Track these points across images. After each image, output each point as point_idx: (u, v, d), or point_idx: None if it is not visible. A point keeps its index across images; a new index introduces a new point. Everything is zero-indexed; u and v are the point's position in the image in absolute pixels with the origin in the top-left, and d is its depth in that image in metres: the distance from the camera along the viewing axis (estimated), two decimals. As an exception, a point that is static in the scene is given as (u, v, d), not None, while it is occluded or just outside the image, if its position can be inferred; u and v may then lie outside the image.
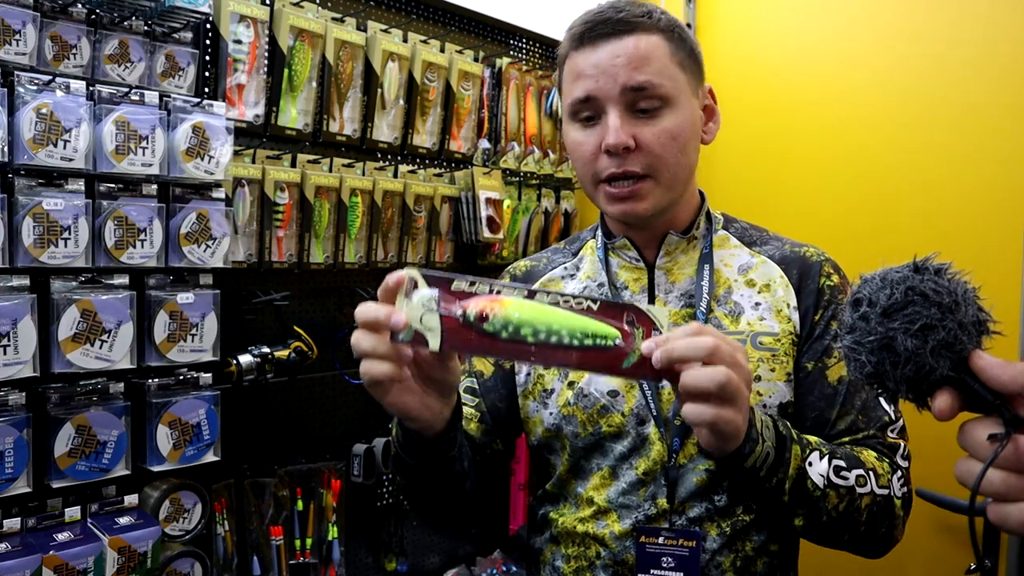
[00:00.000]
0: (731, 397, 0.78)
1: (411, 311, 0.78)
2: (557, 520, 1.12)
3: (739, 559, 1.03)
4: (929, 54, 1.91)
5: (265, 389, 1.73)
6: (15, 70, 1.26)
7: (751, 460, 0.86)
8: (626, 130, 0.99)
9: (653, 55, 1.01)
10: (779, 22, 2.19)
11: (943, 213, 1.88)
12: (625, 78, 0.99)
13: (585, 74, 1.02)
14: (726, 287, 1.09)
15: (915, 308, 0.57)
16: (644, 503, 1.04)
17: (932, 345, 0.57)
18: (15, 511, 1.29)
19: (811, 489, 0.91)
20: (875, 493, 0.95)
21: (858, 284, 0.62)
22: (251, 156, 1.68)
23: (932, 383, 0.58)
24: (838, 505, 0.92)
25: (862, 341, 0.59)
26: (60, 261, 1.29)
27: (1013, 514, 0.55)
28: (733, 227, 1.17)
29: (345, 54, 1.83)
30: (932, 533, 1.90)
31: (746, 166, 2.23)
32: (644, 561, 1.02)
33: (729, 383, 0.77)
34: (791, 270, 1.09)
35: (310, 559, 1.77)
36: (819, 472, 0.91)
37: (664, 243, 1.10)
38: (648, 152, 1.01)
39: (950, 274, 0.59)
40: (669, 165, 1.02)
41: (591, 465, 1.09)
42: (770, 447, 0.87)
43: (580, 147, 1.05)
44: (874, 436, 1.02)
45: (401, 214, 1.95)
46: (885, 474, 0.97)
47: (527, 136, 2.32)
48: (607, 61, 1.00)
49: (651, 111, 1.01)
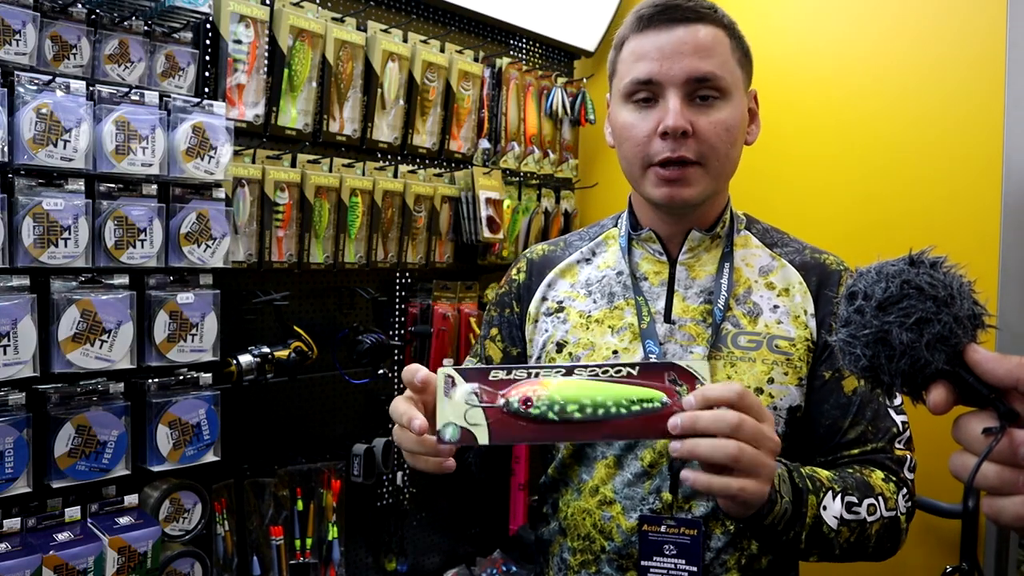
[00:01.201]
0: (749, 469, 0.78)
1: (454, 408, 0.78)
2: (562, 508, 1.13)
3: (744, 557, 1.04)
4: (929, 54, 1.92)
5: (265, 389, 1.73)
6: (15, 70, 1.26)
7: (769, 519, 0.86)
8: (685, 115, 1.00)
9: (718, 47, 1.02)
10: (779, 22, 2.19)
11: (934, 211, 1.90)
12: (691, 66, 1.00)
13: (649, 56, 1.02)
14: (746, 287, 1.09)
15: (910, 301, 0.57)
16: (649, 496, 1.05)
17: (927, 338, 0.56)
18: (15, 511, 1.29)
19: (826, 532, 0.92)
20: (883, 517, 0.97)
21: (853, 277, 0.62)
22: (251, 156, 1.68)
23: (927, 376, 0.57)
24: (850, 538, 0.94)
25: (857, 334, 0.59)
26: (60, 261, 1.29)
27: (1008, 508, 0.55)
28: (755, 228, 1.17)
29: (345, 54, 1.83)
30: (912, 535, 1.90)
31: (745, 165, 2.22)
32: (647, 548, 1.03)
33: (742, 456, 0.77)
34: (810, 277, 1.10)
35: (310, 559, 1.77)
36: (833, 514, 0.92)
37: (688, 239, 1.11)
38: (703, 140, 1.01)
39: (945, 268, 0.59)
40: (720, 155, 1.03)
41: (595, 451, 1.10)
42: (788, 503, 0.87)
43: (632, 129, 1.05)
44: (882, 450, 1.03)
45: (401, 214, 1.95)
46: (892, 496, 0.99)
47: (527, 136, 2.32)
48: (673, 46, 1.01)
49: (709, 101, 1.02)
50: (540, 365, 0.80)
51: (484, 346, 1.25)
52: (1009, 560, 1.72)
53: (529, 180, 2.38)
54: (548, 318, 1.16)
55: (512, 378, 0.79)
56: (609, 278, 1.15)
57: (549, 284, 1.19)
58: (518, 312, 1.21)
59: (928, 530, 1.87)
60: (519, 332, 1.21)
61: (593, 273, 1.17)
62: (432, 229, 2.04)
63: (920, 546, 1.88)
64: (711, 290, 1.09)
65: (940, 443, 1.38)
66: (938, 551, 1.86)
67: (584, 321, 1.13)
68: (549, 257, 1.23)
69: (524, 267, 1.24)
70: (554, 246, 1.25)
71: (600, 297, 1.14)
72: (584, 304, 1.14)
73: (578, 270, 1.19)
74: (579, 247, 1.22)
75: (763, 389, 1.04)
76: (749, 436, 0.77)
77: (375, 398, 2.00)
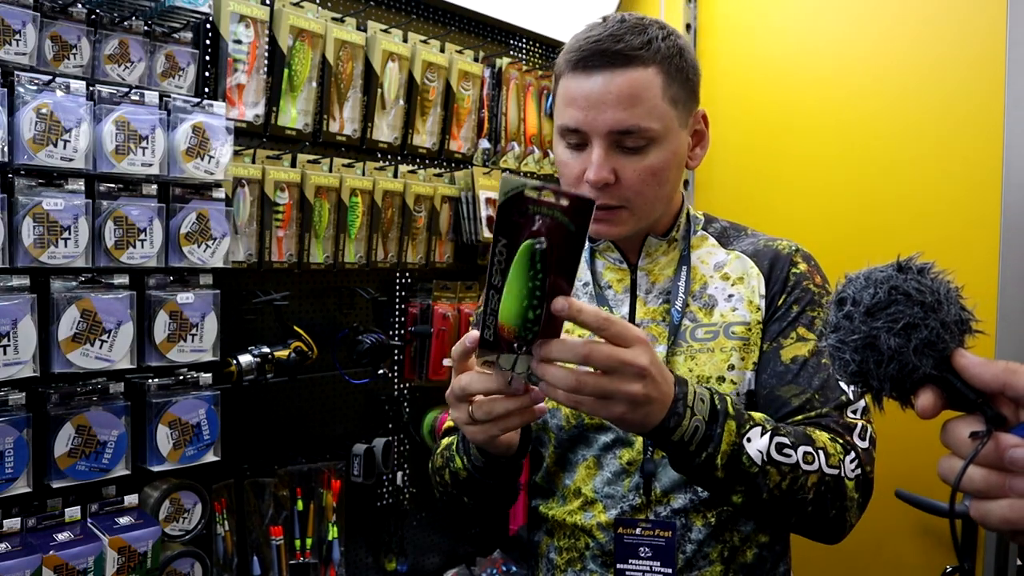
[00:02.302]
0: (599, 395, 0.77)
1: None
2: (548, 514, 1.14)
3: (727, 549, 1.04)
4: (929, 54, 1.92)
5: (265, 389, 1.73)
6: (15, 70, 1.26)
7: (677, 434, 0.85)
8: (608, 166, 1.01)
9: (645, 95, 1.00)
10: (779, 22, 2.19)
11: (934, 211, 1.90)
12: (614, 119, 1.00)
13: (576, 104, 1.02)
14: (702, 283, 1.12)
15: (898, 307, 0.58)
16: (629, 493, 1.06)
17: (915, 344, 0.57)
18: (15, 511, 1.29)
19: (747, 465, 0.88)
20: (823, 472, 0.93)
21: (843, 283, 0.62)
22: (251, 156, 1.68)
23: (915, 381, 0.58)
24: (780, 483, 0.90)
25: (846, 340, 0.60)
26: (60, 261, 1.29)
27: (994, 511, 0.55)
28: (712, 227, 1.19)
29: (345, 54, 1.83)
30: (911, 535, 1.90)
31: (744, 165, 2.23)
32: (622, 551, 1.04)
33: (582, 387, 0.76)
34: (762, 261, 1.12)
35: (310, 559, 1.77)
36: (757, 448, 0.89)
37: (645, 246, 1.14)
38: (627, 187, 1.03)
39: (933, 273, 0.59)
40: (647, 199, 1.05)
41: (576, 456, 1.11)
42: (700, 420, 0.86)
43: (566, 167, 1.07)
44: (828, 415, 1.01)
45: (401, 214, 1.95)
46: (836, 454, 0.95)
47: (527, 136, 2.32)
48: (598, 95, 1.00)
49: (635, 149, 1.02)
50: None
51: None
52: (1009, 560, 1.72)
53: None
54: None
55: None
56: (577, 290, 1.17)
57: None
58: None
59: (928, 530, 1.87)
60: None
61: None
62: (432, 229, 2.04)
63: (920, 546, 1.88)
64: (670, 291, 1.12)
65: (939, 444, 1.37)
66: (938, 551, 1.86)
67: None
68: None
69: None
70: None
71: None
72: None
73: None
74: None
75: (724, 377, 1.05)
76: (600, 363, 0.76)
77: (375, 398, 2.00)
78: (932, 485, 1.75)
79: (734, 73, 2.27)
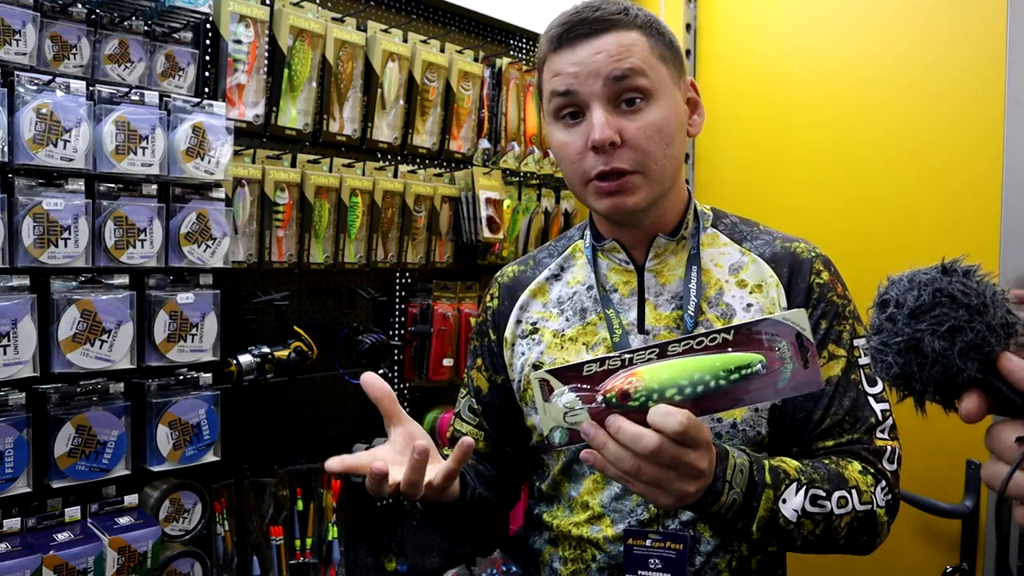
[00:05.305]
0: (653, 484, 0.78)
1: (554, 413, 0.78)
2: (553, 523, 1.12)
3: (735, 559, 1.03)
4: (928, 54, 1.92)
5: (265, 389, 1.73)
6: (15, 70, 1.26)
7: (714, 508, 0.85)
8: (611, 125, 0.97)
9: (633, 49, 0.99)
10: (779, 22, 2.19)
11: (934, 211, 1.90)
12: (608, 69, 0.97)
13: (565, 71, 1.00)
14: (717, 288, 1.07)
15: (943, 310, 0.57)
16: (637, 508, 1.04)
17: (960, 347, 0.56)
18: (15, 511, 1.29)
19: (783, 524, 0.89)
20: (856, 511, 0.94)
21: (885, 285, 0.61)
22: (251, 156, 1.68)
23: (959, 385, 0.57)
24: (814, 530, 0.91)
25: (889, 342, 0.59)
26: (60, 261, 1.29)
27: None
28: (722, 223, 1.14)
29: (345, 54, 1.83)
30: (912, 535, 1.90)
31: (745, 164, 2.23)
32: (631, 562, 1.01)
33: (639, 475, 0.76)
34: (781, 268, 1.07)
35: (310, 559, 1.77)
36: (793, 508, 0.89)
37: (653, 245, 1.09)
38: (635, 147, 0.99)
39: (978, 276, 0.59)
40: (656, 159, 1.00)
41: (584, 468, 1.09)
42: (737, 494, 0.85)
43: (565, 147, 1.03)
44: (859, 441, 1.01)
45: (401, 214, 1.95)
46: (868, 489, 0.96)
47: (527, 136, 2.32)
48: (588, 58, 0.99)
49: (635, 105, 0.99)
50: (633, 350, 0.77)
51: (472, 377, 1.24)
52: (1010, 560, 1.72)
53: (529, 180, 2.38)
54: (523, 340, 1.15)
55: (606, 369, 0.77)
56: (580, 294, 1.13)
57: (522, 307, 1.18)
58: (495, 339, 1.20)
59: (928, 530, 1.87)
60: (500, 360, 1.20)
61: (564, 290, 1.16)
62: (432, 229, 2.04)
63: (920, 546, 1.88)
64: (682, 295, 1.07)
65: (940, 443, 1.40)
66: (938, 551, 1.86)
67: (558, 340, 1.11)
68: (519, 279, 1.21)
69: (496, 292, 1.23)
70: (524, 266, 1.23)
71: (572, 314, 1.12)
72: (557, 323, 1.13)
73: (548, 288, 1.17)
74: (547, 264, 1.20)
75: None
76: (667, 462, 0.76)
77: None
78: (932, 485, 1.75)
79: (734, 73, 2.27)
